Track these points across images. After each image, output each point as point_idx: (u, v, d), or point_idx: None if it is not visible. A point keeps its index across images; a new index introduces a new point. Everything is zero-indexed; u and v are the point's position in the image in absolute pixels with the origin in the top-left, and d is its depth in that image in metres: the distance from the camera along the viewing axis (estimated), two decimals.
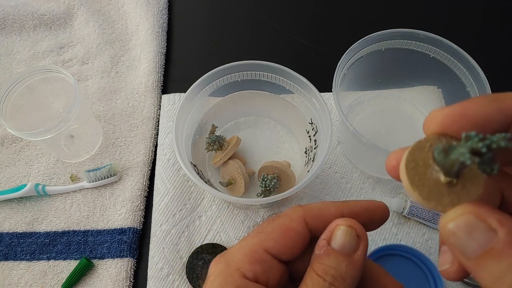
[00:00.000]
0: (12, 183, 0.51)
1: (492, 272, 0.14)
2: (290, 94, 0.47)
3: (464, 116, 0.16)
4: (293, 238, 0.21)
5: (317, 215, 0.21)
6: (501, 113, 0.16)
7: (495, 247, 0.14)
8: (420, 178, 0.16)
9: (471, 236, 0.15)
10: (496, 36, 0.59)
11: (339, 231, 0.20)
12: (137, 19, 0.61)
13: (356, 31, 0.47)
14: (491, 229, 0.14)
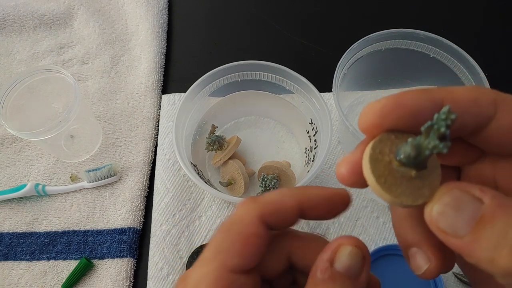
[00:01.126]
0: (12, 183, 0.51)
1: (489, 239, 0.14)
2: (290, 94, 0.47)
3: (400, 105, 0.17)
4: (255, 244, 0.19)
5: (274, 211, 0.20)
6: (432, 102, 0.17)
7: (486, 213, 0.14)
8: (395, 186, 0.16)
9: (459, 211, 0.15)
10: (496, 36, 0.59)
11: (344, 251, 0.18)
12: (137, 19, 0.61)
13: (356, 31, 0.47)
14: (477, 198, 0.15)
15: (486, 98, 0.17)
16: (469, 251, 0.14)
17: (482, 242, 0.14)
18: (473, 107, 0.16)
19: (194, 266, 0.19)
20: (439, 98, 0.17)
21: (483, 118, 0.16)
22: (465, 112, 0.16)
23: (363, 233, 0.46)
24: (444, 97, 0.17)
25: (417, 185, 0.16)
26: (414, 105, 0.17)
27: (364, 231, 0.46)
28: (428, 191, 0.16)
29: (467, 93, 0.17)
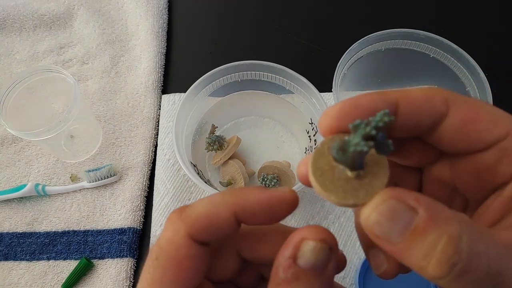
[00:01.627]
0: (12, 183, 0.51)
1: (420, 249, 0.14)
2: (290, 94, 0.47)
3: (357, 106, 0.17)
4: (190, 268, 0.17)
5: (204, 226, 0.17)
6: (387, 103, 0.17)
7: (418, 225, 0.14)
8: (330, 182, 0.16)
9: (394, 220, 0.15)
10: (496, 36, 0.59)
11: (308, 247, 0.17)
12: (137, 19, 0.61)
13: (356, 31, 0.47)
14: (411, 208, 0.15)
15: (439, 97, 0.17)
16: (401, 257, 0.15)
17: (413, 252, 0.14)
18: (426, 105, 0.17)
19: None
20: (394, 99, 0.17)
21: (436, 116, 0.17)
22: (419, 110, 0.17)
23: None
24: (399, 97, 0.17)
25: (354, 186, 0.16)
26: (370, 107, 0.17)
27: None
28: (363, 193, 0.16)
29: (421, 92, 0.17)
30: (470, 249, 0.14)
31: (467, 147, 0.17)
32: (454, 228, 0.14)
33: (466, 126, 0.17)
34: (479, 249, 0.14)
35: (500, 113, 0.17)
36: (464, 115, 0.17)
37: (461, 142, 0.17)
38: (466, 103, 0.17)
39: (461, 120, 0.17)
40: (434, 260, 0.14)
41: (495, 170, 0.17)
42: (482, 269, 0.14)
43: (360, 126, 0.16)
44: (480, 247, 0.14)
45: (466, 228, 0.14)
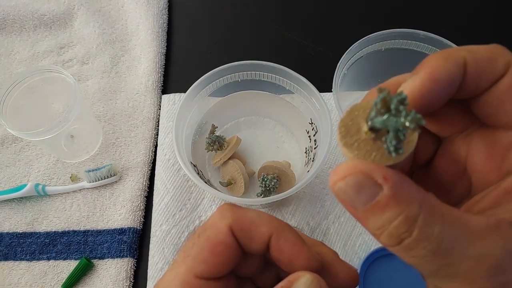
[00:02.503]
0: (12, 183, 0.51)
1: (376, 222, 0.16)
2: (290, 94, 0.47)
3: (436, 81, 0.17)
4: (223, 253, 0.19)
5: (245, 229, 0.19)
6: (457, 66, 0.17)
7: (380, 200, 0.15)
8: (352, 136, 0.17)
9: (359, 192, 0.16)
10: (496, 36, 0.59)
11: (303, 279, 0.18)
12: (137, 19, 0.61)
13: (356, 31, 0.47)
14: (377, 184, 0.16)
15: (503, 59, 0.17)
16: (360, 220, 0.17)
17: (370, 222, 0.16)
18: (489, 67, 0.17)
19: (167, 270, 0.20)
20: (462, 59, 0.17)
21: (495, 78, 0.17)
22: (483, 72, 0.17)
23: (363, 233, 0.46)
24: (466, 57, 0.17)
25: (377, 146, 0.16)
26: (447, 79, 0.17)
27: (364, 231, 0.46)
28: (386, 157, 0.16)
29: (486, 53, 0.17)
30: (423, 230, 0.15)
31: (495, 118, 0.17)
32: (413, 210, 0.15)
33: (509, 94, 0.16)
34: (432, 230, 0.15)
35: None
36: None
37: (494, 110, 0.17)
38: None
39: (509, 86, 0.16)
40: (387, 232, 0.15)
41: (507, 156, 0.17)
42: (429, 248, 0.15)
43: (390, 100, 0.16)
44: (435, 228, 0.15)
45: (425, 210, 0.15)
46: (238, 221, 0.19)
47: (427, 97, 0.17)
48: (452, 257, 0.15)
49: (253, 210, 0.20)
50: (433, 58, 0.17)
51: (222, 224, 0.19)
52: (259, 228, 0.19)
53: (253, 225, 0.19)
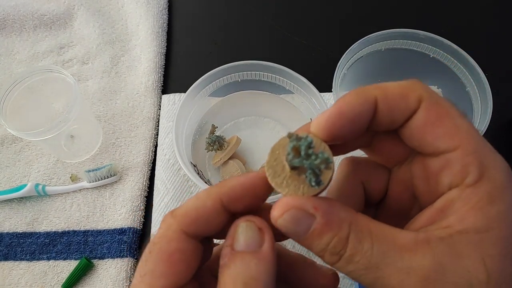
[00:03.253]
0: (12, 183, 0.51)
1: (318, 246, 0.18)
2: (290, 94, 0.47)
3: (341, 114, 0.19)
4: (181, 261, 0.19)
5: (194, 219, 0.19)
6: (367, 102, 0.18)
7: (316, 228, 0.18)
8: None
9: (297, 224, 0.18)
10: (496, 36, 0.59)
11: (239, 228, 0.18)
12: (137, 19, 0.61)
13: (356, 31, 0.47)
14: (311, 215, 0.18)
15: (414, 94, 0.18)
16: (306, 247, 0.18)
17: (313, 246, 0.18)
18: (401, 102, 0.18)
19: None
20: (372, 97, 0.18)
21: (409, 113, 0.18)
22: (396, 107, 0.18)
23: None
24: (378, 95, 0.18)
25: (302, 179, 0.19)
26: (353, 112, 0.18)
27: None
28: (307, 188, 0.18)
29: (398, 89, 0.18)
30: (354, 246, 0.17)
31: (420, 145, 0.19)
32: (344, 231, 0.17)
33: (426, 127, 0.18)
34: (363, 246, 0.17)
35: (463, 127, 0.18)
36: (429, 116, 0.18)
37: (418, 141, 0.18)
38: (437, 105, 0.18)
39: (424, 120, 0.18)
40: (328, 252, 0.18)
41: (438, 179, 0.18)
42: (362, 262, 0.17)
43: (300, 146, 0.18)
44: (364, 244, 0.17)
45: (355, 229, 0.17)
46: (185, 219, 0.19)
47: (333, 129, 0.19)
48: (382, 270, 0.17)
49: (189, 199, 0.20)
50: (347, 94, 0.19)
51: (170, 231, 0.19)
52: (206, 209, 0.19)
53: (200, 210, 0.19)
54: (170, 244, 0.19)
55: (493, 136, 0.40)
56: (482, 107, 0.41)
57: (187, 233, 0.19)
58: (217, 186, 0.20)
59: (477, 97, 0.42)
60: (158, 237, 0.19)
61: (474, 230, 0.17)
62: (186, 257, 0.19)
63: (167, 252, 0.19)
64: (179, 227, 0.19)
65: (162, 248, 0.19)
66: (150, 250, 0.19)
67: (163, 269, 0.18)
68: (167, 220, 0.19)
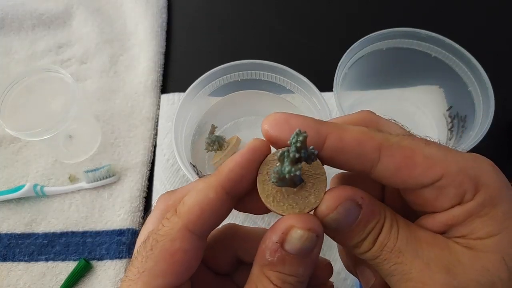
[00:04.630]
0: (10, 184, 0.50)
1: (359, 236, 0.18)
2: (290, 93, 0.46)
3: (288, 122, 0.18)
4: (182, 261, 0.18)
5: (200, 214, 0.18)
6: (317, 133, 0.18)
7: (363, 218, 0.18)
8: (283, 202, 0.19)
9: (347, 217, 0.18)
10: (499, 36, 0.59)
11: (296, 234, 0.17)
12: (136, 18, 0.61)
13: (357, 30, 0.46)
14: (358, 205, 0.18)
15: (371, 144, 0.18)
16: (344, 241, 0.19)
17: (354, 238, 0.18)
18: (357, 149, 0.18)
19: (120, 286, 0.19)
20: (324, 133, 0.18)
21: (367, 161, 0.18)
22: (350, 152, 0.18)
23: None
24: (331, 133, 0.18)
25: (303, 195, 0.19)
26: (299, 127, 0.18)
27: None
28: (314, 198, 0.18)
29: (354, 135, 0.18)
30: (387, 230, 0.18)
31: (404, 186, 0.19)
32: (382, 218, 0.18)
33: (400, 171, 0.18)
34: (391, 231, 0.18)
35: (436, 155, 0.18)
36: (397, 162, 0.18)
37: (398, 183, 0.18)
38: (400, 148, 0.18)
39: (394, 166, 0.18)
40: (367, 241, 0.18)
41: (434, 204, 0.18)
42: (388, 245, 0.18)
43: (284, 155, 0.18)
44: (393, 229, 0.18)
45: (388, 215, 0.18)
46: (190, 215, 0.18)
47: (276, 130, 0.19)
48: (404, 255, 0.17)
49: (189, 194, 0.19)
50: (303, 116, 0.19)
51: (175, 230, 0.18)
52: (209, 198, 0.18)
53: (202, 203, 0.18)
54: (173, 243, 0.18)
55: (495, 135, 0.40)
56: (484, 106, 0.41)
57: (193, 231, 0.18)
58: (215, 174, 0.19)
59: (479, 97, 0.42)
60: (162, 234, 0.18)
61: (487, 235, 0.17)
62: (188, 258, 0.18)
63: (169, 251, 0.18)
64: (184, 226, 0.18)
65: (165, 247, 0.18)
66: (151, 247, 0.18)
67: (163, 268, 0.18)
68: (170, 215, 0.19)
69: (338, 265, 0.44)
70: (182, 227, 0.18)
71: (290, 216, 0.18)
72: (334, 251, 0.45)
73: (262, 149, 0.19)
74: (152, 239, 0.18)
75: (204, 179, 0.19)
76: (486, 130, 0.39)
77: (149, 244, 0.18)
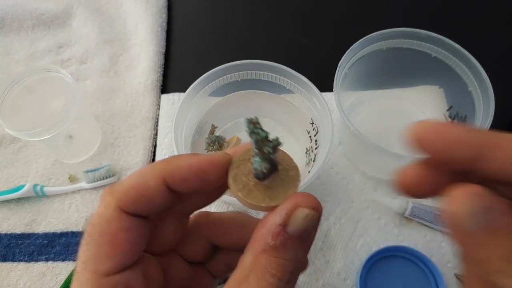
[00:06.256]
0: (10, 184, 0.50)
1: (501, 247, 0.14)
2: (290, 94, 0.46)
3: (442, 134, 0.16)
4: (125, 240, 0.17)
5: (134, 197, 0.17)
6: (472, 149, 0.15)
7: (500, 225, 0.14)
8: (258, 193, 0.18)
9: (483, 215, 0.14)
10: (499, 36, 0.59)
11: (302, 214, 0.16)
12: (136, 18, 0.61)
13: (357, 30, 0.46)
14: (492, 207, 0.14)
15: None
16: (476, 246, 0.14)
17: (490, 246, 0.14)
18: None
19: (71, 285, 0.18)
20: (488, 142, 0.15)
21: None
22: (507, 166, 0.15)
23: (365, 234, 0.46)
24: (498, 142, 0.15)
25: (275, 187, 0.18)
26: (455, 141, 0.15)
27: (365, 232, 0.46)
28: (289, 185, 0.18)
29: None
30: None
31: None
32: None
33: None
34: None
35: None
36: None
37: None
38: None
39: None
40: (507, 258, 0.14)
41: None
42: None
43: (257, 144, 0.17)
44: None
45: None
46: (123, 197, 0.17)
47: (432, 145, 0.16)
48: None
49: (132, 174, 0.18)
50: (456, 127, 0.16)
51: (108, 210, 0.17)
52: (147, 185, 0.17)
53: (139, 187, 0.17)
54: (111, 224, 0.17)
55: None
56: (484, 107, 0.41)
57: (127, 211, 0.17)
58: (164, 162, 0.18)
59: (479, 97, 0.42)
60: (97, 217, 0.17)
61: None
62: (130, 236, 0.17)
63: (108, 233, 0.17)
64: (119, 205, 0.17)
65: (103, 230, 0.17)
66: (89, 234, 0.17)
67: (107, 252, 0.17)
68: (105, 198, 0.17)
69: (339, 265, 0.44)
70: (116, 207, 0.17)
71: (295, 195, 0.17)
72: (334, 252, 0.45)
73: (223, 166, 0.18)
74: (89, 225, 0.17)
75: (153, 164, 0.18)
76: None
77: (86, 232, 0.17)
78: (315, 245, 0.45)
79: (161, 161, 0.18)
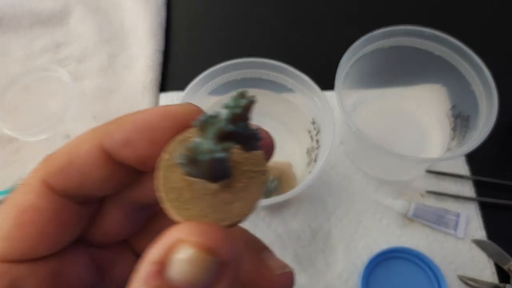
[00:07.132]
0: (7, 184, 0.50)
1: None
2: (291, 92, 0.46)
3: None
4: (38, 223, 0.13)
5: (63, 167, 0.13)
6: None
7: None
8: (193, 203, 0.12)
9: None
10: (502, 34, 0.58)
11: (182, 254, 0.10)
12: (134, 16, 0.61)
13: (359, 28, 0.46)
14: None
15: None
16: None
17: None
18: None
19: None
20: None
21: None
22: None
23: (366, 236, 0.45)
24: None
25: (226, 199, 0.12)
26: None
27: (367, 233, 0.45)
28: (240, 207, 0.12)
29: None
30: None
31: None
32: None
33: None
34: None
35: None
36: None
37: None
38: None
39: None
40: None
41: None
42: None
43: (208, 123, 0.11)
44: None
45: None
46: (51, 166, 0.14)
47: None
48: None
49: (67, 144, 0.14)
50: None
51: (33, 180, 0.13)
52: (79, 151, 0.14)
53: (70, 154, 0.14)
54: (25, 197, 0.13)
55: (498, 135, 0.39)
56: (487, 106, 0.41)
57: (54, 188, 0.13)
58: (107, 123, 0.14)
59: (482, 96, 0.41)
60: (21, 184, 0.14)
61: None
62: (45, 220, 0.13)
63: (19, 206, 0.13)
64: (43, 178, 0.13)
65: (14, 201, 0.13)
66: (5, 205, 0.13)
67: (8, 228, 0.13)
68: (34, 170, 0.14)
69: (340, 267, 0.44)
70: (39, 180, 0.13)
71: (183, 225, 0.11)
72: (335, 253, 0.44)
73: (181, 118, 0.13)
74: (6, 197, 0.14)
75: (94, 128, 0.14)
76: (489, 130, 0.38)
77: (6, 201, 0.14)
78: (315, 246, 0.45)
79: (105, 123, 0.14)
